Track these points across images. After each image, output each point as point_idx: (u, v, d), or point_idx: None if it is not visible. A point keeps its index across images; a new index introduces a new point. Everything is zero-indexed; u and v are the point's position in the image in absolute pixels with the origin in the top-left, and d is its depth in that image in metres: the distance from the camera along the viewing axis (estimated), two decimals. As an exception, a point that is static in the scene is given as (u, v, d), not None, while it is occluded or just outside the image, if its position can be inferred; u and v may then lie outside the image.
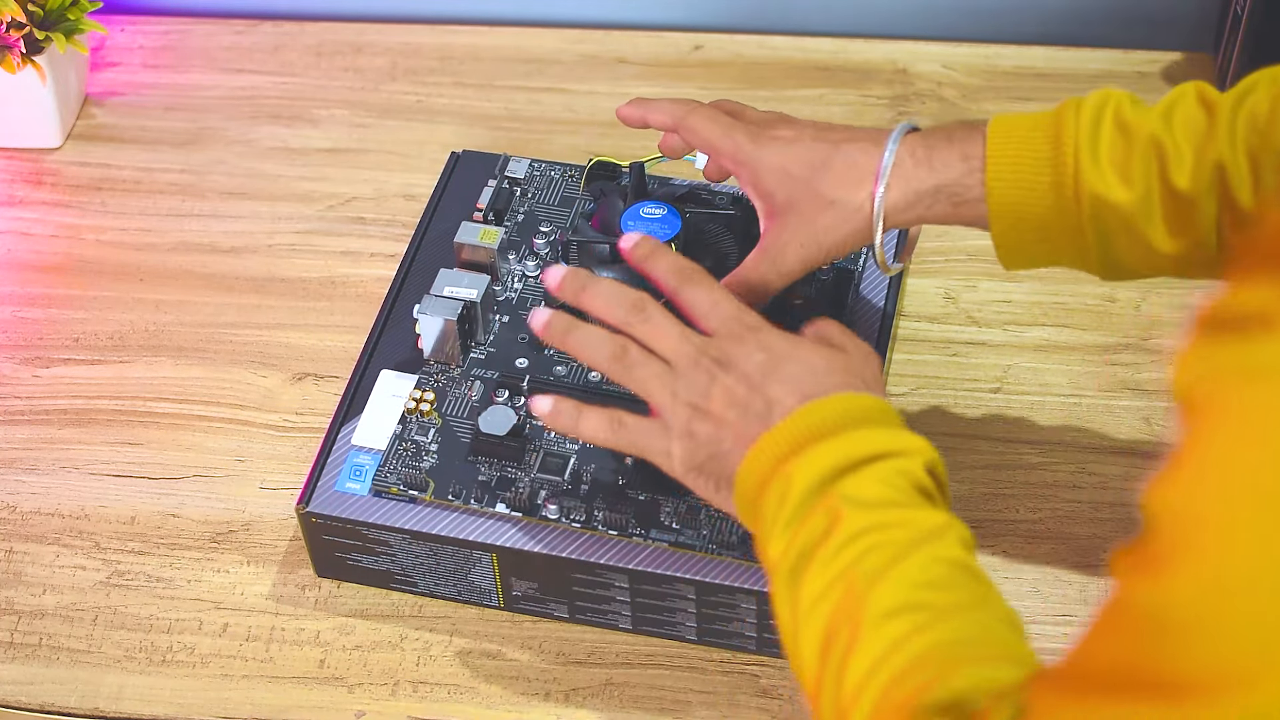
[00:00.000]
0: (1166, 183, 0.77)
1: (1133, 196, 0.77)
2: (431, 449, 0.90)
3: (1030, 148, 0.79)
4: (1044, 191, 0.78)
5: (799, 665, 0.68)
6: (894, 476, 0.69)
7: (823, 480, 0.69)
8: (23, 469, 1.00)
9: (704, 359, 0.76)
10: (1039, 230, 0.80)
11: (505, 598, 0.90)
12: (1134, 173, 0.77)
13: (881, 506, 0.68)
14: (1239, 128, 0.75)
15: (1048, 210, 0.79)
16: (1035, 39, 1.25)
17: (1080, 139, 0.78)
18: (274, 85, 1.25)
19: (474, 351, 0.94)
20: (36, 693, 0.90)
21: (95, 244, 1.13)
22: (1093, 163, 0.77)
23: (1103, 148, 0.78)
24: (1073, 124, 0.78)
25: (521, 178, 1.03)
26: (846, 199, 0.81)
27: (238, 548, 0.95)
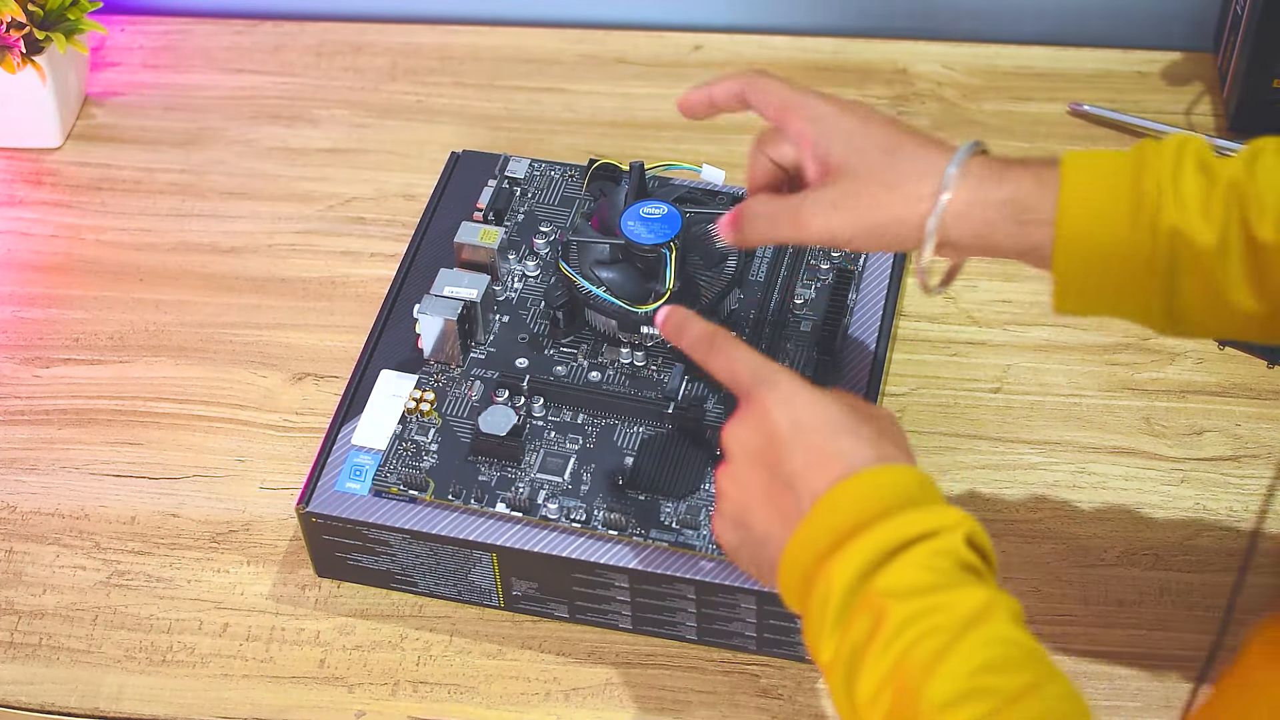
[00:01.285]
0: (1247, 231, 0.72)
1: (1214, 239, 0.72)
2: (431, 449, 0.90)
3: (1110, 176, 0.74)
4: (1120, 221, 0.73)
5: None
6: (933, 558, 0.66)
7: (862, 575, 0.67)
8: (23, 469, 1.00)
9: (732, 440, 0.74)
10: (1106, 262, 0.74)
11: (505, 597, 0.90)
12: (1215, 214, 0.72)
13: (924, 593, 0.65)
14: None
15: (1121, 241, 0.73)
16: (1035, 39, 1.25)
17: (1163, 174, 0.73)
18: (274, 85, 1.25)
19: (474, 351, 0.94)
20: (36, 693, 0.90)
21: (95, 244, 1.14)
22: (1175, 198, 0.73)
23: (1185, 185, 0.73)
24: (1154, 159, 0.74)
25: (521, 178, 1.03)
26: (910, 188, 0.76)
27: (238, 548, 0.95)
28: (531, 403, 0.91)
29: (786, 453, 0.71)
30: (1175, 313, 0.75)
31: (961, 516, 0.68)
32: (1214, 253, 0.72)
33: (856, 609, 0.66)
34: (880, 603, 0.65)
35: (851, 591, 0.67)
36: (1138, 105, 1.18)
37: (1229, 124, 1.16)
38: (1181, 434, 0.98)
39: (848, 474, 0.70)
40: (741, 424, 0.74)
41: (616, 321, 0.92)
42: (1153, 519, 0.94)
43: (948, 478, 0.96)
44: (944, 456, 0.97)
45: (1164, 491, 0.95)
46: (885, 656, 0.64)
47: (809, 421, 0.72)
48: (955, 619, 0.64)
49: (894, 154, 0.77)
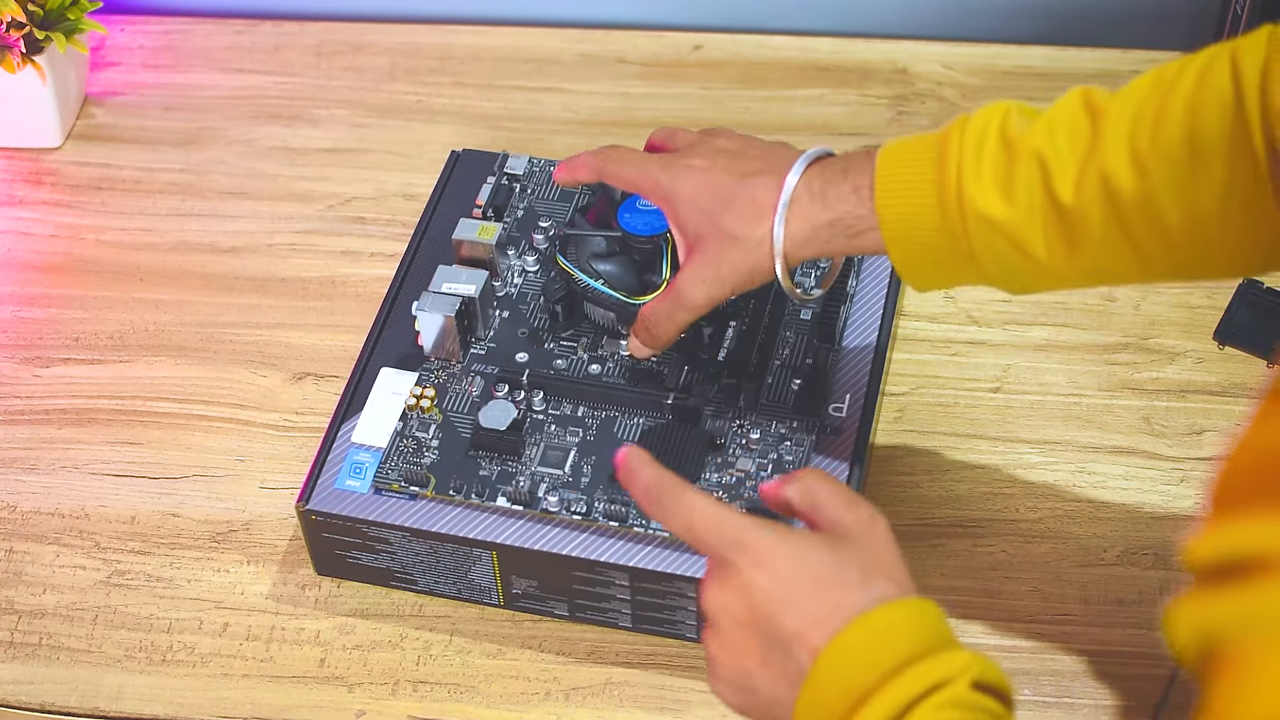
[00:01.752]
0: (1052, 196, 0.75)
1: (1015, 213, 0.75)
2: (432, 445, 0.90)
3: (917, 171, 0.77)
4: (930, 214, 0.77)
5: None
6: (942, 712, 0.63)
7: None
8: (23, 469, 1.00)
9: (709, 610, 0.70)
10: (932, 252, 0.78)
11: (505, 596, 0.90)
12: (1017, 188, 0.75)
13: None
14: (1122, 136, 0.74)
15: (936, 233, 0.77)
16: (1035, 39, 1.25)
17: (964, 157, 0.76)
18: (274, 85, 1.25)
19: (474, 347, 0.94)
20: (36, 693, 0.90)
21: (95, 244, 1.13)
22: (975, 180, 0.76)
23: (985, 164, 0.76)
24: (957, 142, 0.77)
25: (520, 174, 1.03)
26: (747, 235, 0.81)
27: (238, 547, 0.95)
28: (531, 397, 0.91)
29: (777, 617, 0.67)
30: (1013, 280, 0.79)
31: (966, 660, 0.65)
32: (1019, 225, 0.75)
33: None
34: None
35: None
36: (1138, 105, 1.18)
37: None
38: (1181, 434, 0.98)
39: (843, 626, 0.66)
40: (722, 590, 0.69)
41: (615, 314, 0.92)
42: (1153, 519, 0.94)
43: (948, 477, 0.96)
44: (944, 456, 0.97)
45: (1164, 491, 0.95)
46: None
47: (791, 578, 0.67)
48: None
49: (731, 202, 0.82)
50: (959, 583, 0.92)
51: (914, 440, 0.98)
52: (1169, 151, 0.72)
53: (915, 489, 0.96)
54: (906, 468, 0.97)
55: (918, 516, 0.94)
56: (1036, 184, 0.75)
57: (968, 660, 0.65)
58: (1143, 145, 0.73)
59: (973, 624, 0.90)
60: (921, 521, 0.94)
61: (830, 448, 0.90)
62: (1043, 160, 0.75)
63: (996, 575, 0.92)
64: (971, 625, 0.90)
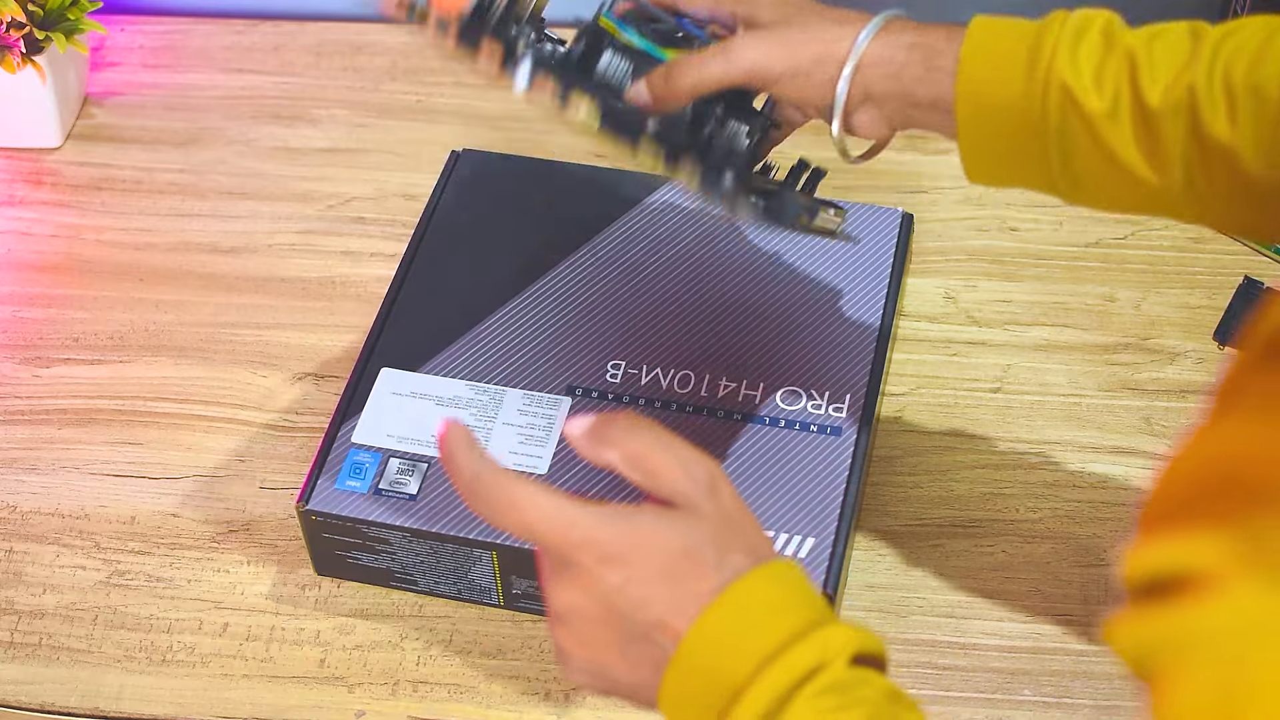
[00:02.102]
0: (1137, 94, 0.74)
1: (1102, 100, 0.74)
2: None
3: (1013, 34, 0.76)
4: (1017, 72, 0.75)
5: None
6: (821, 698, 0.61)
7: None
8: (23, 469, 1.00)
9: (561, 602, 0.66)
10: (1005, 114, 0.76)
11: (505, 596, 0.90)
12: (1106, 78, 0.74)
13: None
14: (1220, 59, 0.73)
15: (1017, 95, 0.75)
16: (1035, 39, 1.24)
17: (1063, 36, 0.75)
18: (274, 85, 1.25)
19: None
20: (36, 693, 0.90)
21: (95, 244, 1.14)
22: (1070, 58, 0.75)
23: (1082, 49, 0.75)
24: (1058, 23, 0.76)
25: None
26: (831, 32, 0.79)
27: (238, 548, 0.95)
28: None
29: (632, 612, 0.64)
30: (1074, 176, 0.76)
31: (838, 635, 0.62)
32: (1103, 113, 0.74)
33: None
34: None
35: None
36: (1138, 105, 1.18)
37: (1229, 124, 1.15)
38: (1181, 434, 0.98)
39: (702, 610, 0.63)
40: (569, 589, 0.66)
41: (633, 64, 0.84)
42: (1153, 519, 0.94)
43: (948, 478, 0.96)
44: (944, 456, 0.97)
45: (1164, 491, 0.95)
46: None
47: (643, 572, 0.64)
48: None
49: (819, 12, 0.80)
50: (959, 583, 0.92)
51: (914, 440, 0.98)
52: (1260, 89, 0.71)
53: (915, 489, 0.96)
54: (906, 468, 0.97)
55: (918, 516, 0.94)
56: (1124, 78, 0.74)
57: (843, 637, 0.62)
58: (1237, 76, 0.72)
59: (973, 624, 0.90)
60: (921, 521, 0.94)
61: (830, 448, 0.90)
62: (1135, 58, 0.74)
63: (996, 575, 0.92)
64: (971, 625, 0.90)
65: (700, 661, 0.63)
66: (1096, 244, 1.09)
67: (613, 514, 0.65)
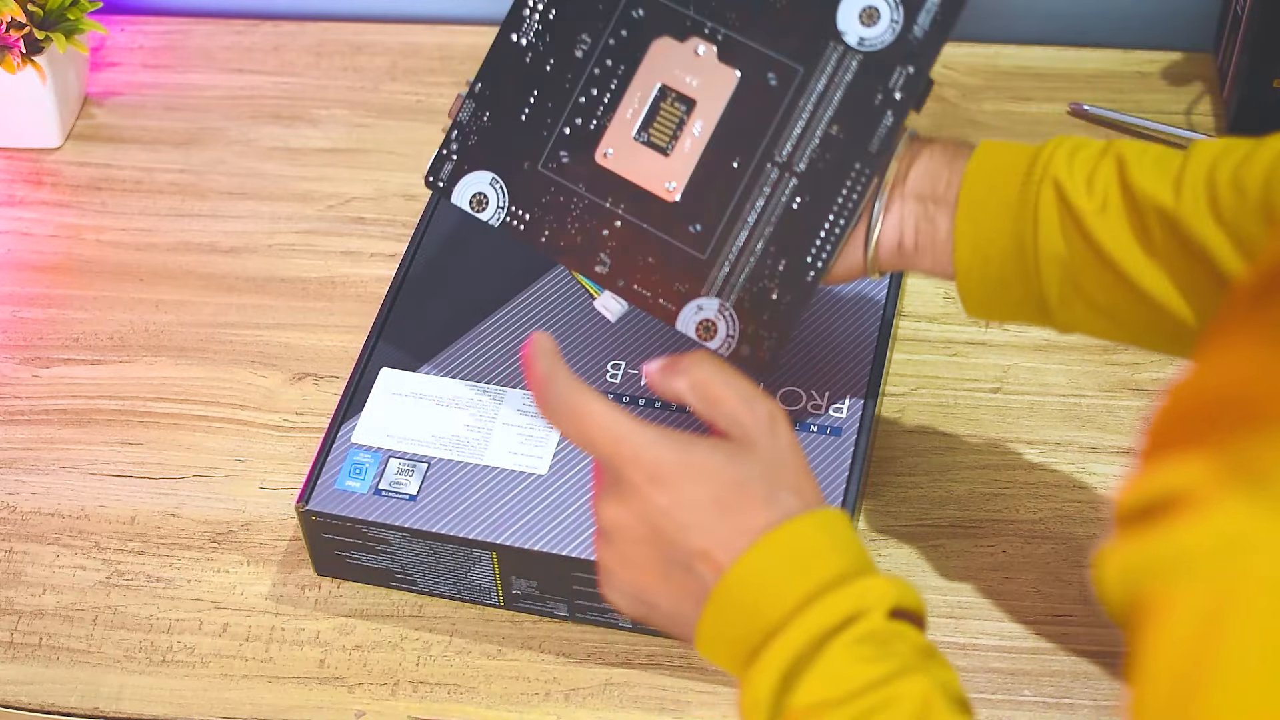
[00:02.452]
0: (1126, 187, 0.74)
1: (1092, 200, 0.75)
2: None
3: (1012, 155, 0.77)
4: (1012, 180, 0.76)
5: None
6: (859, 647, 0.62)
7: (785, 681, 0.62)
8: (23, 469, 1.00)
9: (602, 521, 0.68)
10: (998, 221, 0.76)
11: (505, 596, 0.90)
12: (1098, 180, 0.75)
13: (856, 697, 0.60)
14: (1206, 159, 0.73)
15: (1012, 202, 0.76)
16: (1035, 39, 1.25)
17: (1060, 147, 0.77)
18: (274, 85, 1.25)
19: None
20: (36, 693, 0.90)
21: (95, 244, 1.14)
22: (1067, 166, 0.76)
23: (1078, 158, 0.76)
24: (1057, 141, 0.77)
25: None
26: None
27: (238, 548, 0.95)
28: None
29: (678, 538, 0.65)
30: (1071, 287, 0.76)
31: (879, 587, 0.63)
32: (1094, 211, 0.74)
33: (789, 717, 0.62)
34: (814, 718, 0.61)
35: (776, 701, 0.62)
36: (1138, 105, 1.18)
37: (1229, 124, 1.16)
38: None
39: (748, 546, 0.64)
40: (617, 506, 0.67)
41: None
42: (1153, 519, 0.94)
43: (948, 478, 0.96)
44: (944, 456, 0.97)
45: (1164, 491, 0.95)
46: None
47: (693, 499, 0.65)
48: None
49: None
50: (959, 583, 0.92)
51: (914, 440, 0.98)
52: (1242, 185, 0.71)
53: (915, 489, 0.96)
54: (906, 468, 0.97)
55: (918, 516, 0.94)
56: (1114, 177, 0.74)
57: (882, 588, 0.63)
58: (1222, 174, 0.72)
59: (973, 624, 0.90)
60: (921, 521, 0.94)
61: (830, 448, 0.90)
62: (1124, 158, 0.75)
63: (997, 575, 0.92)
64: (971, 625, 0.90)
65: (740, 597, 0.63)
66: (1096, 244, 1.09)
67: (669, 436, 0.66)
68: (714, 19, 0.84)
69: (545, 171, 0.86)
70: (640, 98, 0.85)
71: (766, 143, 0.82)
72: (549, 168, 0.86)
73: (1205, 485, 0.44)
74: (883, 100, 0.81)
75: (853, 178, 0.81)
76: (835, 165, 0.81)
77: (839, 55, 0.82)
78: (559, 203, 0.85)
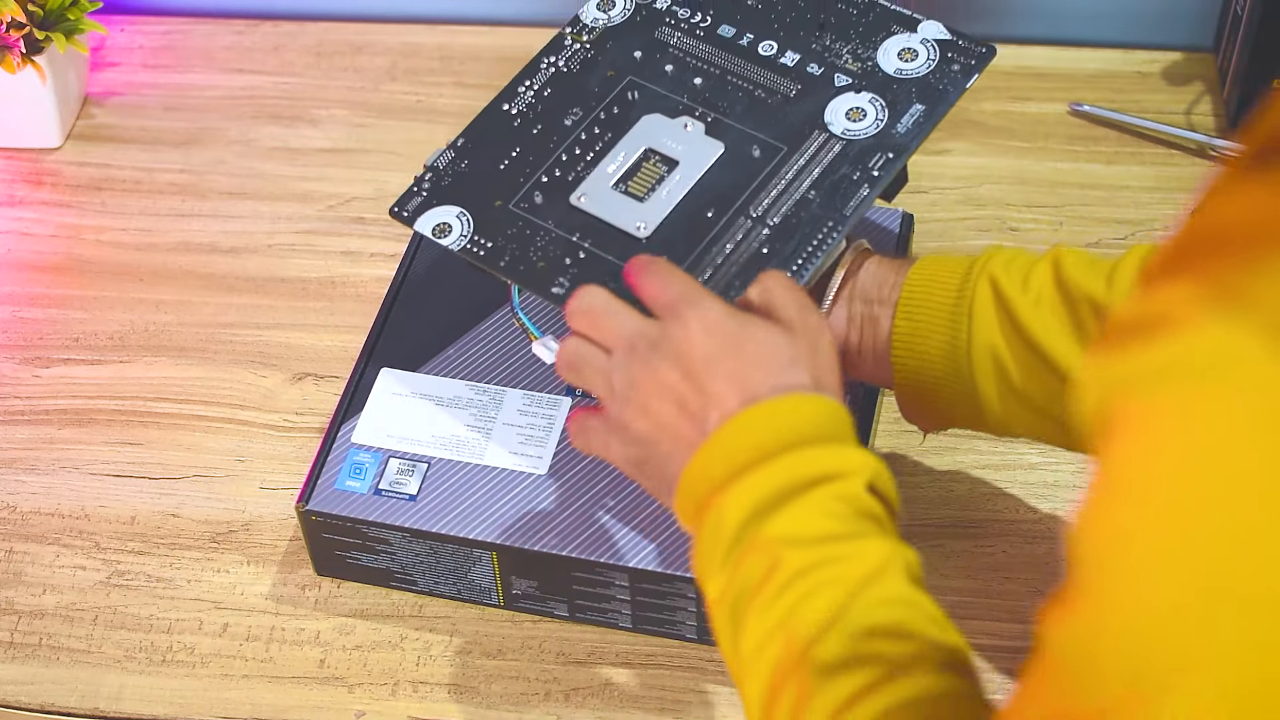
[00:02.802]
0: (1061, 282, 0.78)
1: (1027, 294, 0.78)
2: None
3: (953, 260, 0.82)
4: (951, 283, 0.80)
5: (746, 706, 0.66)
6: (833, 503, 0.66)
7: (756, 513, 0.66)
8: (23, 469, 1.00)
9: (640, 343, 0.73)
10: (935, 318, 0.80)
11: (505, 596, 0.90)
12: (1033, 278, 0.79)
13: (820, 543, 0.65)
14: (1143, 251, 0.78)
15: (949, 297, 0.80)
16: (1035, 39, 1.25)
17: (1001, 252, 0.81)
18: (274, 85, 1.25)
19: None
20: (36, 693, 0.90)
21: (95, 244, 1.14)
22: (1004, 267, 0.79)
23: (1015, 260, 0.80)
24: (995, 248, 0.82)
25: None
26: None
27: (238, 548, 0.95)
28: None
29: (705, 378, 0.70)
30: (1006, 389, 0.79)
31: (865, 459, 0.68)
32: (1029, 305, 0.78)
33: (749, 548, 0.66)
34: (775, 550, 0.65)
35: (744, 527, 0.66)
36: (1138, 105, 1.18)
37: (1229, 124, 1.16)
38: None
39: (756, 400, 0.69)
40: (657, 356, 0.73)
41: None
42: (1153, 519, 0.94)
43: (948, 478, 0.96)
44: (944, 456, 0.97)
45: (1164, 491, 0.95)
46: (775, 606, 0.64)
47: (728, 346, 0.71)
48: (851, 574, 0.64)
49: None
50: (959, 583, 0.92)
51: (914, 440, 0.98)
52: None
53: (915, 489, 0.96)
54: (906, 468, 0.97)
55: (918, 517, 0.94)
56: (1049, 274, 0.78)
57: (864, 460, 0.67)
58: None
59: (973, 624, 0.90)
60: (921, 521, 0.94)
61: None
62: (1059, 259, 0.78)
63: (997, 575, 0.92)
64: (971, 625, 0.90)
65: (736, 437, 0.68)
66: (1097, 244, 1.09)
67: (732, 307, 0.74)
68: (705, 106, 0.88)
69: (515, 210, 0.87)
70: (624, 156, 0.88)
71: (744, 200, 0.85)
72: (520, 207, 0.87)
73: (1188, 306, 0.45)
74: (861, 176, 0.84)
75: (824, 232, 0.83)
76: (808, 221, 0.84)
77: (823, 140, 0.86)
78: (525, 235, 0.86)
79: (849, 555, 0.65)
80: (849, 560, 0.64)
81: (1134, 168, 1.14)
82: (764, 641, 0.64)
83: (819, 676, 0.61)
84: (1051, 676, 0.48)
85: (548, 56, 0.92)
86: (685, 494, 0.70)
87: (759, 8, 0.91)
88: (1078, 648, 0.47)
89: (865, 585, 0.64)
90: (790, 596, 0.64)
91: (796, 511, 0.66)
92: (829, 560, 0.64)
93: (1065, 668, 0.47)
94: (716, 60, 0.90)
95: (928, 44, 0.89)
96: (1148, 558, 0.45)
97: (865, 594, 0.63)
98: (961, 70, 0.87)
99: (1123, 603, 0.45)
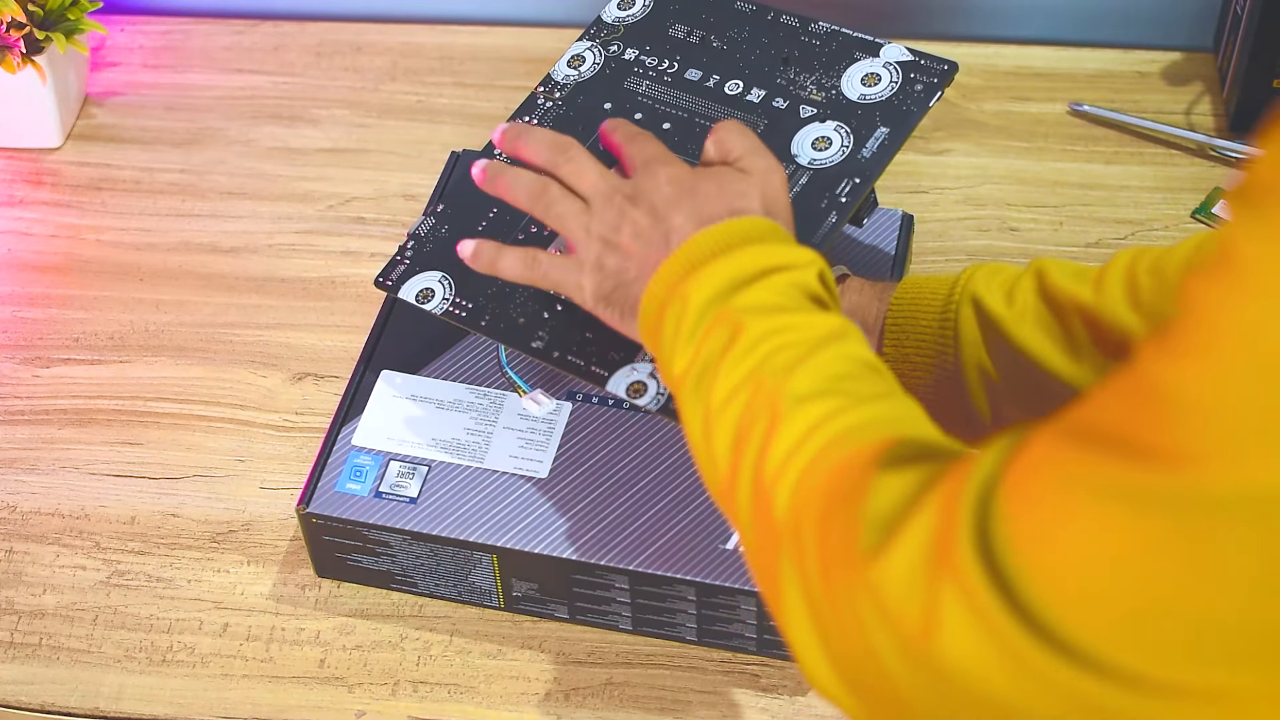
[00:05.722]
0: (1045, 289, 0.80)
1: (1010, 308, 0.81)
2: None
3: (935, 282, 0.85)
4: (934, 306, 0.83)
5: (711, 467, 0.68)
6: (788, 288, 0.71)
7: (718, 295, 0.71)
8: (23, 469, 1.00)
9: (617, 196, 0.79)
10: (921, 343, 0.84)
11: (505, 598, 0.90)
12: (1016, 292, 0.81)
13: (781, 312, 0.70)
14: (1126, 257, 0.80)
15: (933, 321, 0.83)
16: (1035, 39, 1.25)
17: (982, 269, 0.83)
18: (274, 85, 1.25)
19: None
20: (36, 693, 0.90)
21: (95, 244, 1.14)
22: (985, 282, 0.82)
23: (998, 275, 0.83)
24: (976, 266, 0.84)
25: None
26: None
27: (238, 548, 0.95)
28: None
29: (665, 209, 0.77)
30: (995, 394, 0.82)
31: (814, 255, 0.73)
32: (1013, 319, 0.80)
33: (713, 322, 0.70)
34: (738, 317, 0.69)
35: (709, 305, 0.71)
36: (1138, 105, 1.18)
37: (1229, 124, 1.16)
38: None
39: (712, 223, 0.75)
40: (627, 183, 0.79)
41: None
42: (1152, 519, 0.94)
43: (947, 478, 0.96)
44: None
45: (1164, 492, 0.95)
46: (744, 362, 0.68)
47: (689, 183, 0.77)
48: (812, 335, 0.68)
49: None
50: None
51: (914, 441, 0.98)
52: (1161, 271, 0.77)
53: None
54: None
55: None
56: (1032, 286, 0.81)
57: (814, 256, 0.73)
58: (1141, 265, 0.78)
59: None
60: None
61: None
62: (1042, 271, 0.81)
63: (996, 576, 0.92)
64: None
65: (687, 253, 0.74)
66: (1096, 244, 1.09)
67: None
68: (676, 150, 0.89)
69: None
70: None
71: None
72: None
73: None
74: (828, 204, 0.86)
75: None
76: None
77: (790, 170, 0.87)
78: (504, 293, 0.88)
79: (808, 324, 0.69)
80: (812, 326, 0.69)
81: (1134, 168, 1.14)
82: (734, 391, 0.67)
83: (790, 404, 0.65)
84: (1140, 402, 0.49)
85: (522, 116, 0.93)
86: (649, 300, 0.74)
87: (723, 49, 0.93)
88: (1165, 385, 0.48)
89: (826, 343, 0.68)
90: (760, 351, 0.68)
91: (755, 291, 0.71)
92: (793, 326, 0.69)
93: (1148, 393, 0.48)
94: (684, 104, 0.91)
95: (890, 67, 0.90)
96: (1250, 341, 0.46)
97: (828, 349, 0.67)
98: (924, 89, 0.89)
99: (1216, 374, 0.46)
